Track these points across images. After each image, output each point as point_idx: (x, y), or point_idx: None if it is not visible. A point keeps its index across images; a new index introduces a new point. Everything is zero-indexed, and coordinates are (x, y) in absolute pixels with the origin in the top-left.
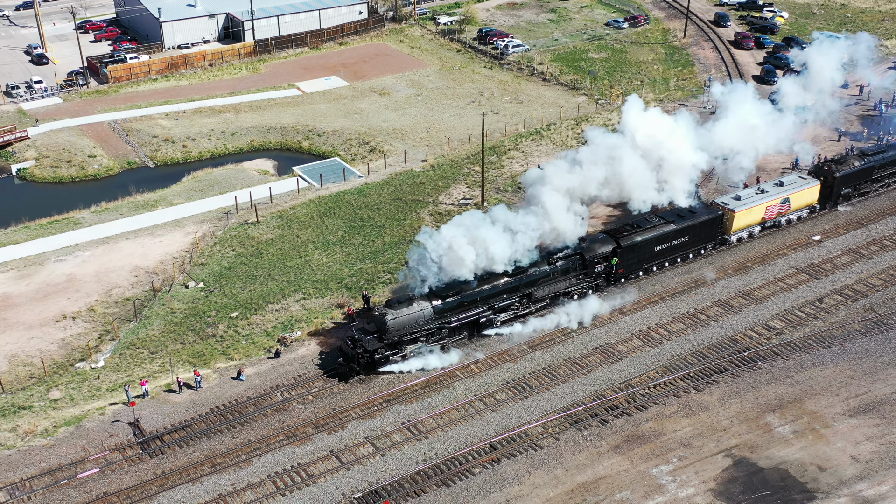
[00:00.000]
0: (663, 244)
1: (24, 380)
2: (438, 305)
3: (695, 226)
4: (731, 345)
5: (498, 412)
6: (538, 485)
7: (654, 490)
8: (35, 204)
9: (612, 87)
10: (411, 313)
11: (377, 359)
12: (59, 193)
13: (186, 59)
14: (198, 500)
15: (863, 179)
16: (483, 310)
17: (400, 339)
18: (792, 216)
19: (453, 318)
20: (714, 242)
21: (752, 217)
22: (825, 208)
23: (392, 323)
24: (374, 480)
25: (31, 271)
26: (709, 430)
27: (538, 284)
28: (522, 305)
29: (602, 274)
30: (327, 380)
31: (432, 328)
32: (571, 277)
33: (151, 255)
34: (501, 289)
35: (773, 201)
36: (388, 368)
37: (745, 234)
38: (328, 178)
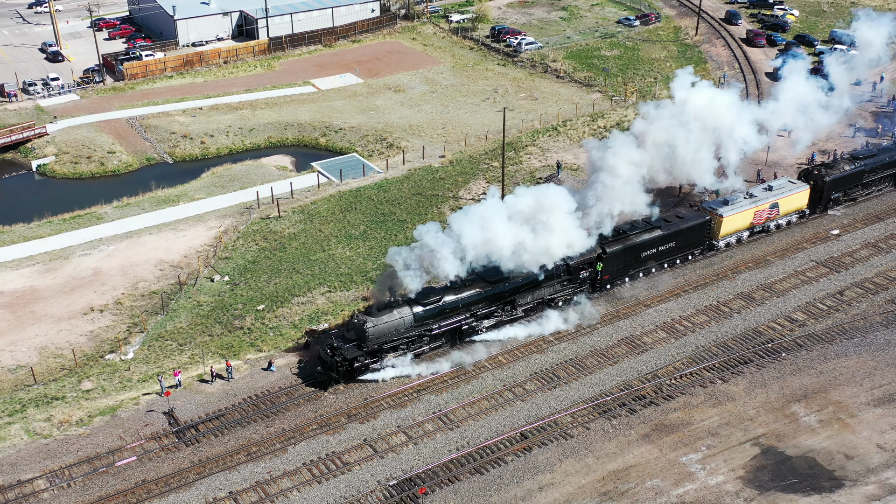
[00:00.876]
0: (649, 250)
1: (56, 371)
2: (419, 312)
3: (682, 231)
4: (755, 336)
5: (527, 402)
6: (570, 472)
7: (685, 478)
8: (56, 199)
9: (626, 84)
10: (391, 321)
11: (356, 367)
12: (79, 189)
13: (201, 57)
14: (235, 487)
15: (853, 183)
16: (465, 317)
17: (380, 346)
18: (781, 221)
19: (434, 326)
20: (702, 248)
21: (741, 222)
22: (815, 213)
23: (372, 330)
24: (408, 468)
25: (56, 265)
26: (736, 419)
27: (521, 291)
28: (505, 312)
29: (587, 280)
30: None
31: (413, 336)
32: (556, 284)
33: (175, 249)
34: (483, 295)
35: (761, 206)
36: (368, 377)
37: (733, 240)
38: (347, 174)
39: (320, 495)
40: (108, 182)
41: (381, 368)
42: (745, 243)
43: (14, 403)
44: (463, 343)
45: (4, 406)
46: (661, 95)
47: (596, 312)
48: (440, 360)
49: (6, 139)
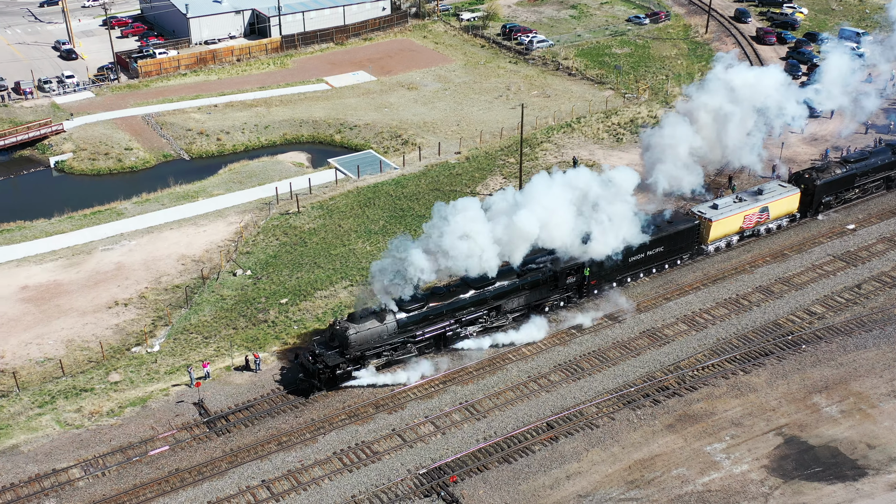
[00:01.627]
0: (637, 255)
1: (83, 363)
2: (403, 319)
3: (670, 236)
4: (775, 329)
5: (552, 393)
6: (596, 462)
7: (710, 467)
8: (75, 195)
9: (638, 82)
10: (374, 327)
11: (339, 374)
12: (97, 185)
13: (215, 55)
14: (268, 475)
15: (844, 187)
16: (449, 323)
17: (363, 353)
18: (771, 225)
19: (418, 332)
20: (691, 252)
21: (730, 226)
22: (805, 217)
23: (354, 337)
24: (437, 457)
25: (79, 259)
26: (758, 409)
27: (507, 297)
28: (491, 318)
29: (573, 286)
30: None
31: (397, 342)
32: (542, 290)
33: (196, 244)
34: (468, 302)
35: (751, 210)
36: (351, 384)
37: (722, 244)
38: (364, 170)
39: (351, 483)
40: (126, 178)
41: (362, 376)
42: (736, 246)
43: (44, 395)
44: (448, 349)
45: (34, 398)
46: (673, 93)
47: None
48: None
49: (24, 136)
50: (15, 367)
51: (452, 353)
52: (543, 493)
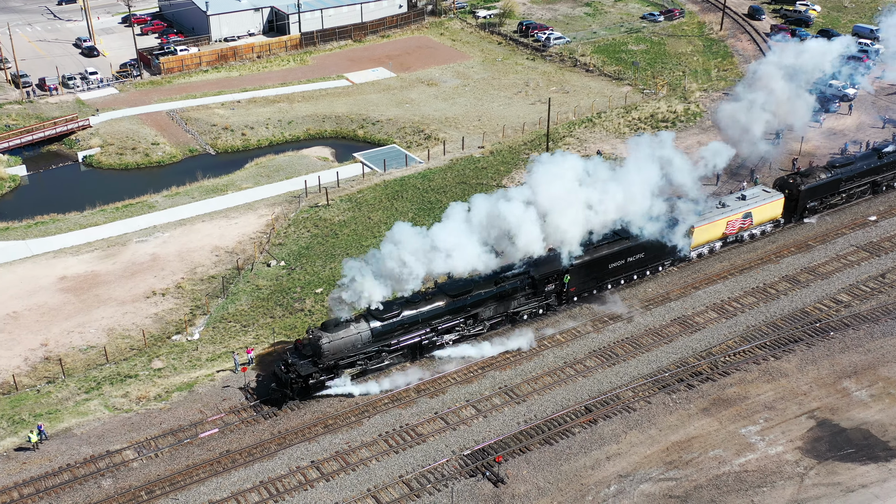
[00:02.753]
0: (618, 261)
1: (125, 351)
2: (377, 327)
3: (651, 242)
4: (803, 316)
5: (589, 378)
6: (635, 443)
7: (745, 448)
8: (104, 189)
9: (656, 78)
10: (348, 336)
11: (312, 384)
12: (125, 179)
13: (235, 51)
14: (316, 456)
15: (830, 192)
16: (426, 331)
17: (336, 362)
18: (755, 230)
19: (393, 341)
20: (673, 259)
21: (713, 232)
22: (790, 222)
23: (327, 346)
24: (481, 439)
25: (114, 251)
26: (790, 394)
27: (484, 305)
28: (468, 326)
29: (553, 293)
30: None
31: (371, 351)
32: (520, 297)
33: (229, 235)
34: (444, 310)
35: (734, 216)
36: (324, 393)
37: (705, 250)
38: (390, 164)
39: (398, 464)
40: (153, 172)
41: (336, 385)
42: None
43: (89, 381)
44: (424, 358)
45: (81, 384)
46: (691, 88)
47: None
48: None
49: (51, 131)
50: (59, 355)
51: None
52: (585, 473)
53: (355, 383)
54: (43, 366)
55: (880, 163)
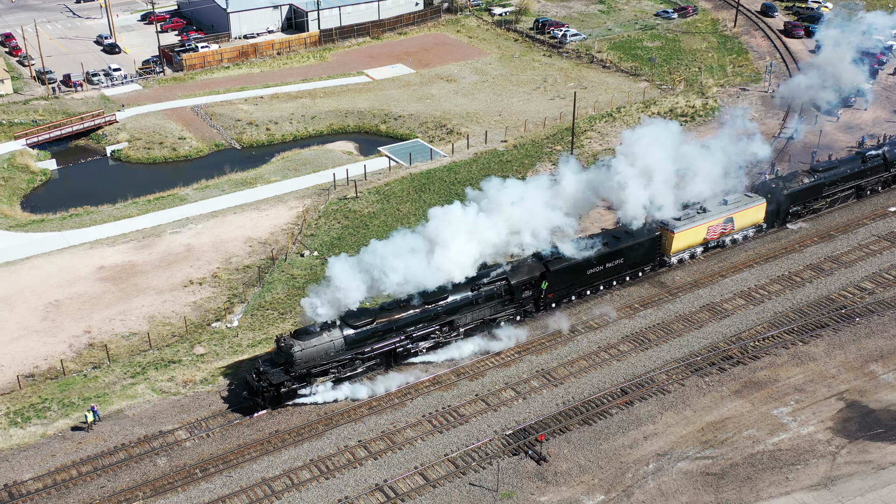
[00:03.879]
0: (596, 267)
1: (167, 338)
2: (351, 335)
3: (630, 247)
4: (828, 303)
5: (623, 361)
6: (671, 424)
7: (778, 428)
8: (133, 182)
9: (672, 74)
10: (321, 344)
11: (283, 392)
12: (153, 173)
13: (256, 48)
14: (363, 437)
15: (812, 196)
16: (400, 339)
17: (308, 371)
18: (737, 236)
19: (367, 349)
20: (653, 264)
21: (694, 238)
22: (773, 227)
23: (299, 355)
24: (521, 420)
25: (149, 242)
26: (819, 377)
27: (460, 311)
28: (443, 333)
29: (530, 299)
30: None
31: (344, 359)
32: (497, 304)
33: (261, 227)
34: (419, 317)
35: (715, 221)
36: (297, 402)
37: (686, 255)
38: (415, 158)
39: (443, 443)
40: (181, 166)
41: (310, 394)
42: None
43: (134, 366)
44: (399, 365)
45: (126, 369)
46: (707, 84)
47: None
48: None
49: (79, 126)
50: (103, 341)
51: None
52: (624, 451)
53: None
54: (87, 352)
55: (864, 167)
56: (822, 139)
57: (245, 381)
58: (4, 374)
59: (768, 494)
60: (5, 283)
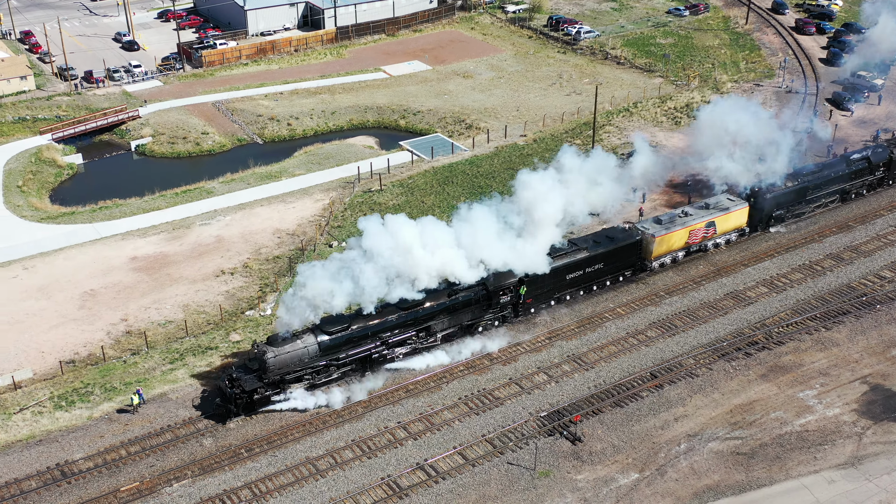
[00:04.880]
0: (576, 272)
1: (203, 325)
2: (325, 341)
3: (610, 252)
4: (849, 291)
5: (651, 347)
6: (700, 406)
7: (804, 410)
8: (158, 176)
9: (687, 70)
10: (294, 350)
11: (256, 399)
12: (178, 167)
13: (274, 45)
14: (403, 418)
15: (796, 200)
16: (375, 345)
17: (282, 377)
18: (719, 240)
19: (342, 355)
20: (633, 269)
21: (675, 242)
22: (756, 231)
23: (272, 361)
24: (555, 402)
25: (180, 233)
26: (842, 361)
27: (437, 317)
28: (420, 339)
29: (508, 305)
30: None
31: (319, 366)
32: (474, 309)
33: (288, 219)
34: (395, 323)
35: (696, 225)
36: (270, 408)
37: (667, 260)
38: (437, 152)
39: (480, 424)
40: (204, 161)
41: (284, 400)
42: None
43: (172, 353)
44: (375, 371)
45: (164, 355)
46: (721, 80)
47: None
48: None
49: (103, 121)
50: (139, 329)
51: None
52: (655, 432)
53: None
54: (125, 339)
55: (848, 171)
56: (837, 133)
57: (218, 387)
58: (46, 361)
59: (798, 473)
60: (41, 274)
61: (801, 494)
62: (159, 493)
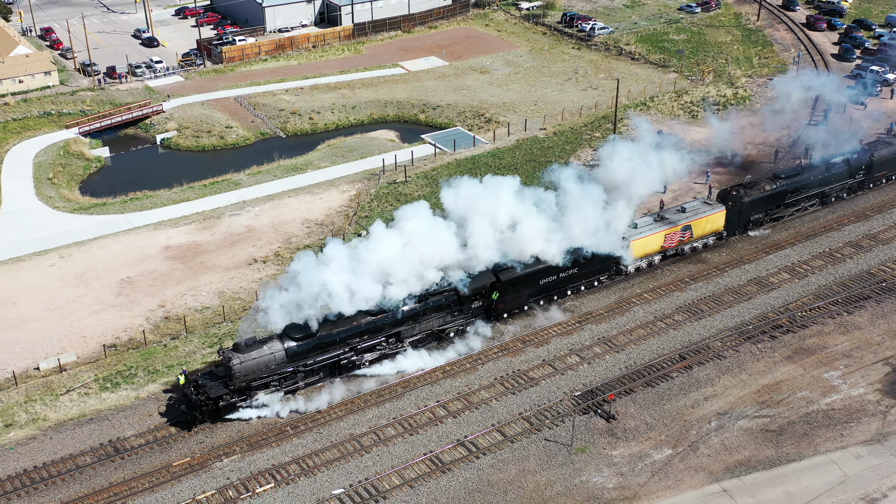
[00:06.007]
0: (549, 277)
1: (239, 311)
2: (292, 348)
3: (584, 257)
4: (869, 277)
5: (679, 330)
6: (728, 386)
7: (830, 390)
8: (184, 169)
9: (701, 65)
10: (261, 357)
11: (222, 406)
12: (203, 160)
13: (292, 41)
14: (440, 398)
15: (775, 204)
16: (344, 351)
17: (248, 384)
18: (696, 244)
19: (310, 361)
20: (609, 273)
21: (651, 246)
22: (734, 235)
23: (238, 368)
24: (588, 382)
25: (210, 223)
26: (865, 344)
27: (407, 323)
28: (390, 345)
29: (480, 310)
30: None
31: (286, 372)
32: (445, 314)
33: (316, 209)
34: (363, 328)
35: (672, 229)
36: (236, 416)
37: (644, 264)
38: (458, 145)
39: (517, 403)
40: (229, 154)
41: (250, 406)
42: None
43: (211, 337)
44: (345, 378)
45: (203, 339)
46: (735, 75)
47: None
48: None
49: (128, 116)
50: (178, 315)
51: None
52: (686, 411)
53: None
54: (164, 324)
55: (828, 174)
56: (851, 126)
57: (184, 394)
58: (88, 345)
59: (825, 448)
60: (77, 262)
61: (830, 469)
62: (210, 467)
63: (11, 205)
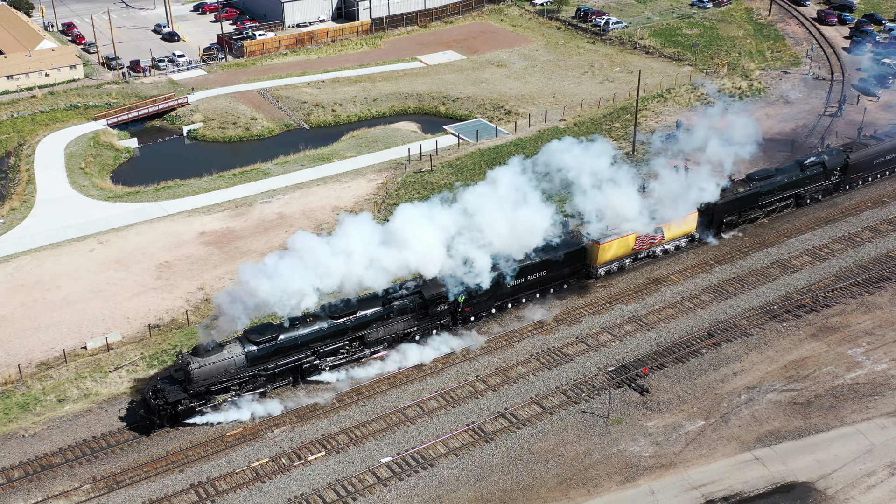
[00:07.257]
0: (517, 280)
1: None
2: (253, 351)
3: (553, 260)
4: (888, 260)
5: (706, 309)
6: (756, 362)
7: (854, 366)
8: (212, 159)
9: (715, 58)
10: (220, 361)
11: (180, 410)
12: (229, 150)
13: (311, 36)
14: (480, 373)
15: (748, 206)
16: (306, 355)
17: (208, 388)
18: (668, 246)
19: (271, 365)
20: (579, 276)
21: (621, 248)
22: (707, 236)
23: (197, 372)
24: (621, 358)
25: (243, 211)
26: (886, 322)
27: (371, 326)
28: (354, 349)
29: (445, 314)
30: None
31: (246, 376)
32: (409, 318)
33: (345, 197)
34: (326, 332)
35: (643, 232)
36: (195, 420)
37: (615, 266)
38: (481, 136)
39: (553, 378)
40: (254, 145)
41: (209, 411)
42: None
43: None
44: (305, 382)
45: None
46: (749, 68)
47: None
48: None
49: (154, 108)
50: None
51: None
52: (717, 385)
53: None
54: (204, 306)
55: (802, 175)
56: (866, 117)
57: (143, 398)
58: (132, 325)
59: (852, 420)
60: (116, 247)
61: (857, 438)
62: (262, 437)
63: (47, 193)
